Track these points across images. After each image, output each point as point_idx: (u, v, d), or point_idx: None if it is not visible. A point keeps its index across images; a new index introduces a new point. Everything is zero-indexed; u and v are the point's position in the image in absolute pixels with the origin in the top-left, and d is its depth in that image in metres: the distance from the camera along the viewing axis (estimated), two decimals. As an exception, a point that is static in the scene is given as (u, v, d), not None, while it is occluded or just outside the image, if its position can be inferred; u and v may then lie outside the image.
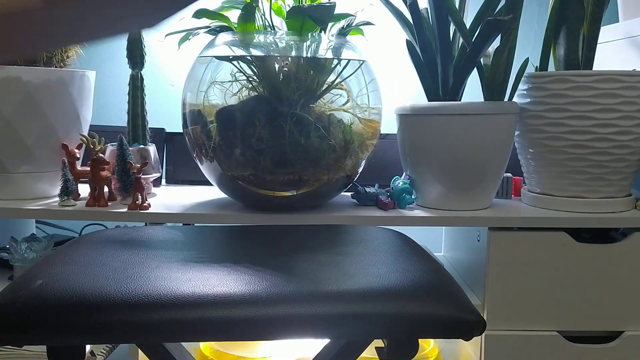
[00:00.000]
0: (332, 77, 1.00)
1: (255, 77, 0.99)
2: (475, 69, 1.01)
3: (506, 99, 1.03)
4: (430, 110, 0.99)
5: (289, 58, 0.99)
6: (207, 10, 1.03)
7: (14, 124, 0.99)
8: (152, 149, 1.14)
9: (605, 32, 1.17)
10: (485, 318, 0.99)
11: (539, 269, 0.99)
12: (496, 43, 0.98)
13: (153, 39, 1.32)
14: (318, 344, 0.62)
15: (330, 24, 1.03)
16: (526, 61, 1.05)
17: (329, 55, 1.03)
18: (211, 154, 0.99)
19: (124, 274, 0.54)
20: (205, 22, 1.06)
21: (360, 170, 1.05)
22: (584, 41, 1.01)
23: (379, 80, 1.07)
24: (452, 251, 1.28)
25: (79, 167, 1.06)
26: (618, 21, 1.26)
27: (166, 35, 1.10)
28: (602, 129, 0.96)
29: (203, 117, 1.00)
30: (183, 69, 1.10)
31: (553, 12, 1.02)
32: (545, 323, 1.00)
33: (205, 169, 1.03)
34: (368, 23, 1.08)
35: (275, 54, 0.99)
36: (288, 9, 1.00)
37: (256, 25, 1.03)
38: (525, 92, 1.03)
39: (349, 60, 1.02)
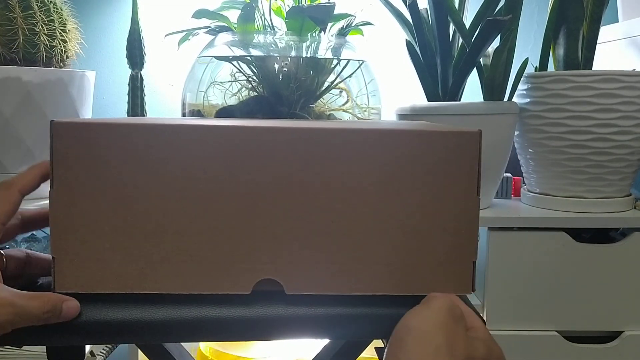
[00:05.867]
0: (331, 77, 1.00)
1: (254, 77, 0.99)
2: (474, 69, 1.01)
3: (506, 99, 1.03)
4: (430, 111, 0.99)
5: (289, 58, 0.99)
6: (206, 11, 1.03)
7: (14, 124, 0.99)
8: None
9: (605, 32, 1.17)
10: (485, 318, 0.99)
11: (539, 269, 0.99)
12: (496, 43, 0.98)
13: (153, 39, 1.32)
14: (318, 344, 0.62)
15: (330, 24, 1.03)
16: (526, 61, 1.05)
17: (329, 55, 1.03)
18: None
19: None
20: (205, 22, 1.06)
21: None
22: (584, 41, 1.01)
23: (378, 80, 1.07)
24: (452, 251, 1.27)
25: (78, 167, 1.06)
26: (618, 21, 1.26)
27: (166, 35, 1.10)
28: (601, 129, 0.96)
29: (203, 117, 1.00)
30: (183, 69, 1.10)
31: (553, 12, 1.02)
32: (545, 323, 1.00)
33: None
34: (368, 23, 1.09)
35: (275, 54, 0.99)
36: (288, 9, 1.00)
37: (256, 26, 1.03)
38: (524, 92, 1.03)
39: (348, 60, 1.02)
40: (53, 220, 0.47)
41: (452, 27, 1.02)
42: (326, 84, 1.00)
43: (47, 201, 0.47)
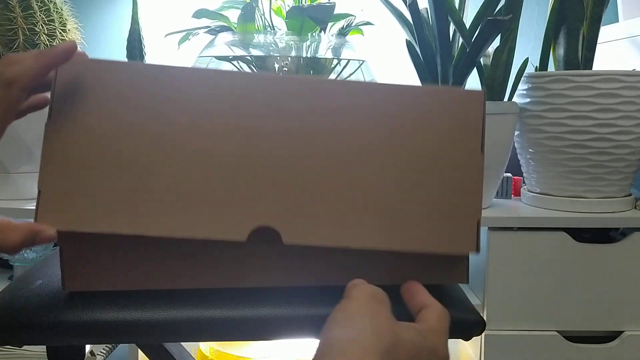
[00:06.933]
0: (332, 77, 1.00)
1: (255, 77, 0.99)
2: (475, 69, 1.01)
3: (506, 99, 1.03)
4: (430, 110, 0.99)
5: (289, 58, 0.99)
6: (207, 10, 1.03)
7: (14, 124, 0.98)
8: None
9: (605, 32, 1.17)
10: (485, 318, 0.99)
11: (539, 269, 0.99)
12: (496, 43, 0.98)
13: (153, 39, 1.32)
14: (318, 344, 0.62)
15: (330, 24, 1.03)
16: (526, 61, 1.05)
17: (329, 55, 1.03)
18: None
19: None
20: (205, 22, 1.06)
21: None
22: (584, 41, 1.01)
23: (378, 80, 1.07)
24: (452, 251, 1.27)
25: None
26: (618, 21, 1.26)
27: (166, 35, 1.10)
28: (602, 129, 0.96)
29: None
30: (183, 69, 1.10)
31: (553, 12, 1.02)
32: (545, 323, 1.00)
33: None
34: (368, 23, 1.09)
35: (275, 54, 0.99)
36: (288, 9, 1.00)
37: (256, 25, 1.03)
38: (525, 92, 1.03)
39: (348, 60, 1.02)
40: (45, 152, 0.45)
41: (452, 27, 1.02)
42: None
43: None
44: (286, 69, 0.97)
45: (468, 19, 1.03)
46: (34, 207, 0.44)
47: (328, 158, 0.46)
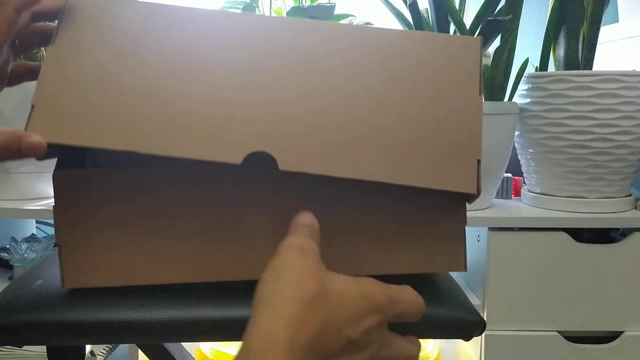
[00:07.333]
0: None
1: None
2: (475, 69, 1.01)
3: (506, 99, 1.04)
4: (430, 110, 0.99)
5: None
6: (207, 10, 1.03)
7: (14, 124, 0.99)
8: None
9: (605, 32, 1.17)
10: (485, 318, 0.99)
11: (539, 269, 0.99)
12: (496, 43, 0.98)
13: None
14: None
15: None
16: (526, 61, 1.05)
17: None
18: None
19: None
20: (205, 22, 1.06)
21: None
22: (584, 41, 1.01)
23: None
24: (452, 251, 1.27)
25: (79, 167, 1.06)
26: (618, 21, 1.26)
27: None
28: (602, 129, 0.96)
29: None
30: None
31: (553, 12, 1.03)
32: (545, 323, 1.00)
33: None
34: (368, 23, 1.09)
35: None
36: (288, 9, 1.00)
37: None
38: (525, 92, 1.03)
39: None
40: (43, 72, 0.45)
41: (452, 27, 1.02)
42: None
43: (47, 201, 0.47)
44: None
45: (468, 19, 1.03)
46: (35, 208, 0.44)
47: (327, 93, 0.47)
